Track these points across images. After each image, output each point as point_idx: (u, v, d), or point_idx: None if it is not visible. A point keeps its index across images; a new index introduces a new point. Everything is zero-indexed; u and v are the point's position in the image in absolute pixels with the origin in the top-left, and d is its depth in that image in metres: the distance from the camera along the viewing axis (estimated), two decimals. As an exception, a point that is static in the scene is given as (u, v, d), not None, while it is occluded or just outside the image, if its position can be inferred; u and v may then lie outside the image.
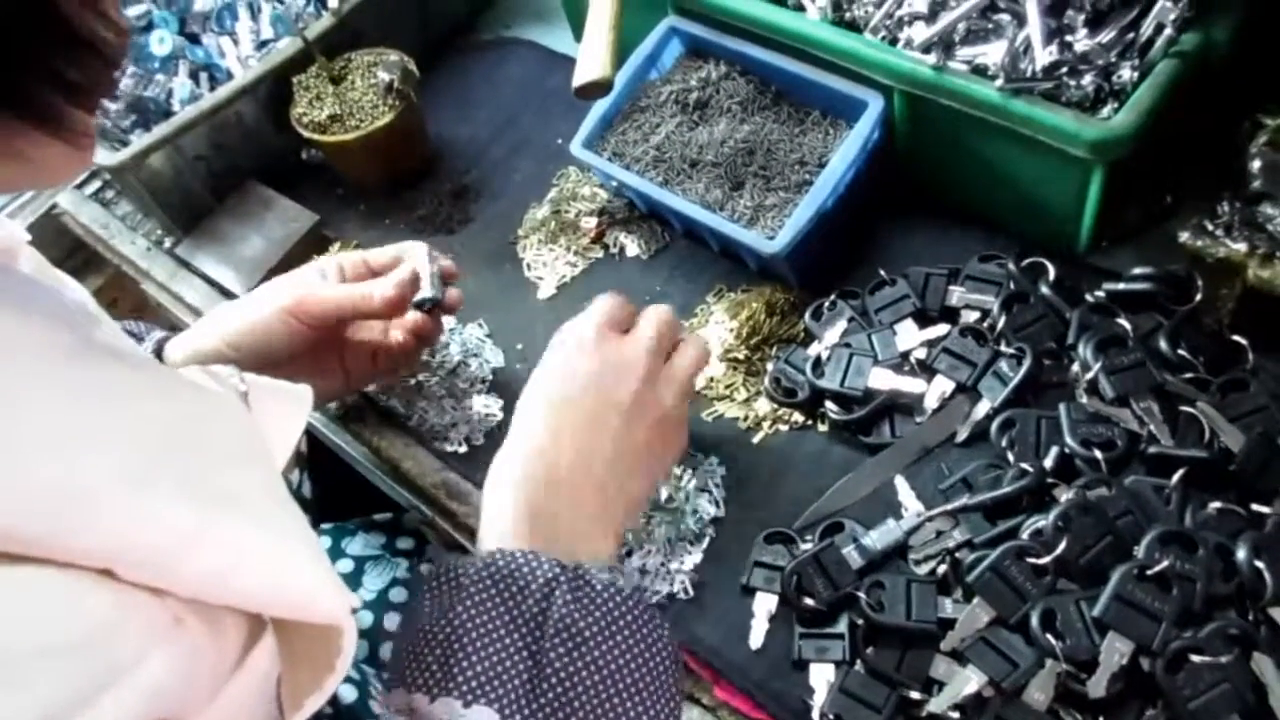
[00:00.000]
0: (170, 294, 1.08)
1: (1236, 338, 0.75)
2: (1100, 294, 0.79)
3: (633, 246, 0.97)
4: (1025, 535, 0.69)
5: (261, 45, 1.07)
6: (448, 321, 0.93)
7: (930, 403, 0.78)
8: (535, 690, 0.54)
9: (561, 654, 0.55)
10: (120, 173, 0.99)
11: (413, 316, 0.83)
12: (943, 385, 0.79)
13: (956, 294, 0.82)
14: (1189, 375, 0.73)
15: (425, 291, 0.81)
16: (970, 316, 0.81)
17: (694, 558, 0.77)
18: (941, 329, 0.81)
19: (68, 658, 0.36)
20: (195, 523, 0.41)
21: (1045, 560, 0.66)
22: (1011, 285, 0.80)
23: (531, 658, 0.55)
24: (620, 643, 0.56)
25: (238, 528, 0.43)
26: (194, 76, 1.05)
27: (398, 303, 0.80)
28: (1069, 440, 0.72)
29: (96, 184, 1.19)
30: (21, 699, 0.35)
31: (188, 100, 1.03)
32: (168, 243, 1.09)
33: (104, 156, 0.99)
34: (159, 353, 0.79)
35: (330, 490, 0.93)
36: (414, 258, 0.83)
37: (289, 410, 0.59)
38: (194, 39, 1.07)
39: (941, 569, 0.71)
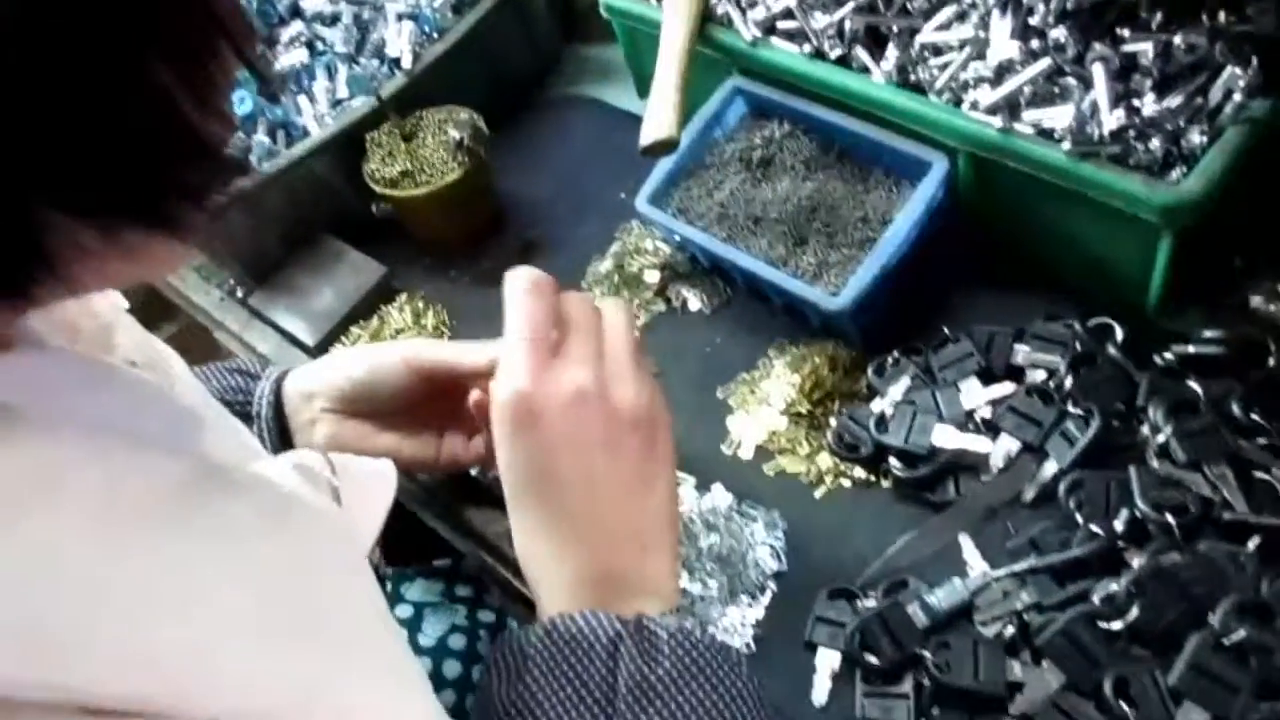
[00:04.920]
0: (242, 343, 1.11)
1: (1312, 402, 0.74)
2: (1169, 356, 0.78)
3: (695, 300, 0.98)
4: (1096, 600, 0.68)
5: (336, 104, 1.10)
6: None
7: (996, 462, 0.78)
8: None
9: (637, 712, 0.53)
10: (200, 225, 1.03)
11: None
12: (1008, 444, 0.78)
13: (1022, 353, 0.82)
14: (1263, 441, 0.72)
15: None
16: (1036, 376, 0.81)
17: (755, 611, 0.77)
18: (1007, 388, 0.81)
19: None
20: (310, 680, 0.41)
21: (1117, 626, 0.66)
22: (1078, 346, 0.80)
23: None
24: (696, 690, 0.54)
25: (351, 680, 0.43)
26: (271, 134, 1.09)
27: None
28: (1140, 504, 0.71)
29: (173, 234, 1.22)
30: None
31: (265, 157, 1.07)
32: (240, 293, 1.13)
33: (185, 209, 1.03)
34: (278, 389, 0.80)
35: (391, 535, 0.94)
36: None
37: (376, 490, 0.61)
38: (273, 98, 1.11)
39: (1009, 631, 0.70)
